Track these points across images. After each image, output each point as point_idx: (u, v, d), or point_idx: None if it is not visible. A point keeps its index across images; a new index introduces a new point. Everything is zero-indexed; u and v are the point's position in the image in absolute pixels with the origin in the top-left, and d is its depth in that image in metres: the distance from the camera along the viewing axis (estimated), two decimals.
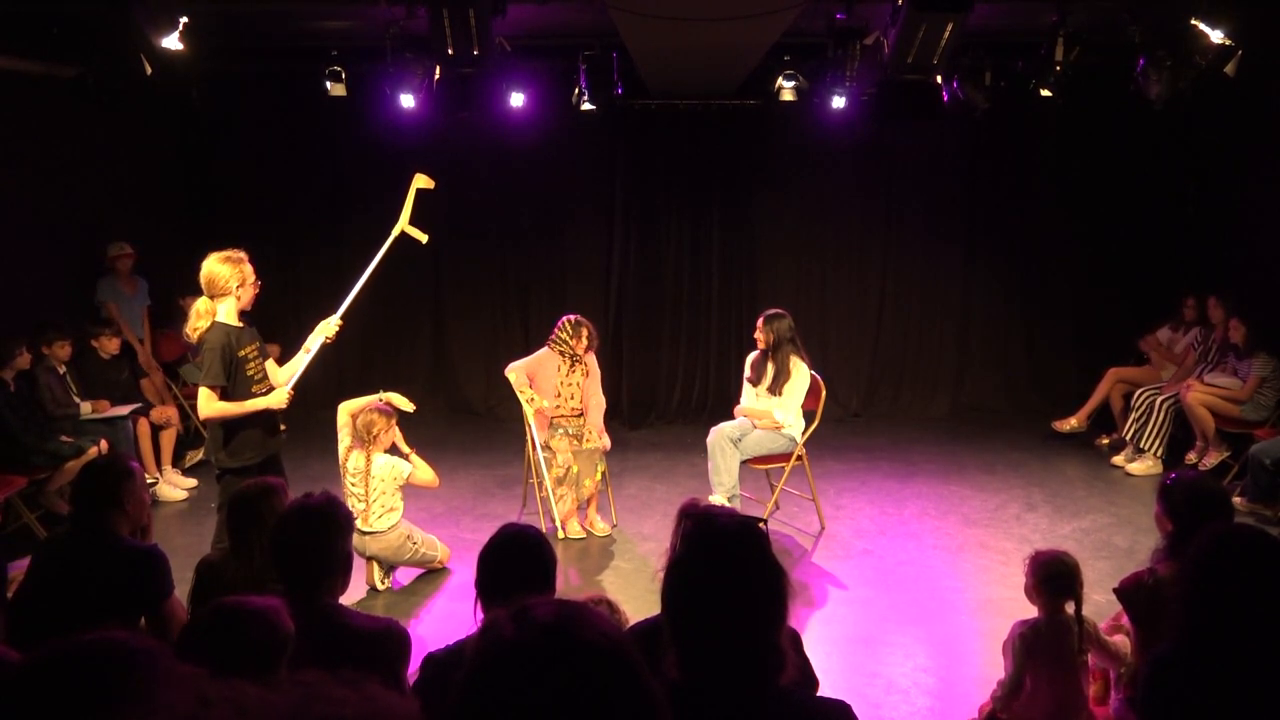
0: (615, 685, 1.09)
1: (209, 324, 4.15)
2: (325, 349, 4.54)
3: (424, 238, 4.84)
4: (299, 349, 4.57)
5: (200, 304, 4.19)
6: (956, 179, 8.13)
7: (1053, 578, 3.04)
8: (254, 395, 4.21)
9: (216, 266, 4.17)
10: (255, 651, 2.02)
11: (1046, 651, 3.00)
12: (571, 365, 5.68)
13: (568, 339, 5.62)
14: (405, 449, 5.00)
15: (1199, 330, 6.99)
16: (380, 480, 4.79)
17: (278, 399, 4.19)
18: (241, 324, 4.25)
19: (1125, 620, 3.15)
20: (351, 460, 4.83)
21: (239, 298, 4.21)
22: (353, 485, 4.82)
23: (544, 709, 1.05)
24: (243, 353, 4.20)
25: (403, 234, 4.78)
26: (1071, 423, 7.41)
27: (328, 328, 4.47)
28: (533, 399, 5.58)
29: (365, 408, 4.88)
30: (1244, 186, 7.19)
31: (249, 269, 4.23)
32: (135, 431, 6.26)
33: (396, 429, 4.99)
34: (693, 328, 8.29)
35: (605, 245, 8.25)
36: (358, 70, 6.41)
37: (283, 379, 4.40)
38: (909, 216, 8.22)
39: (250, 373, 4.24)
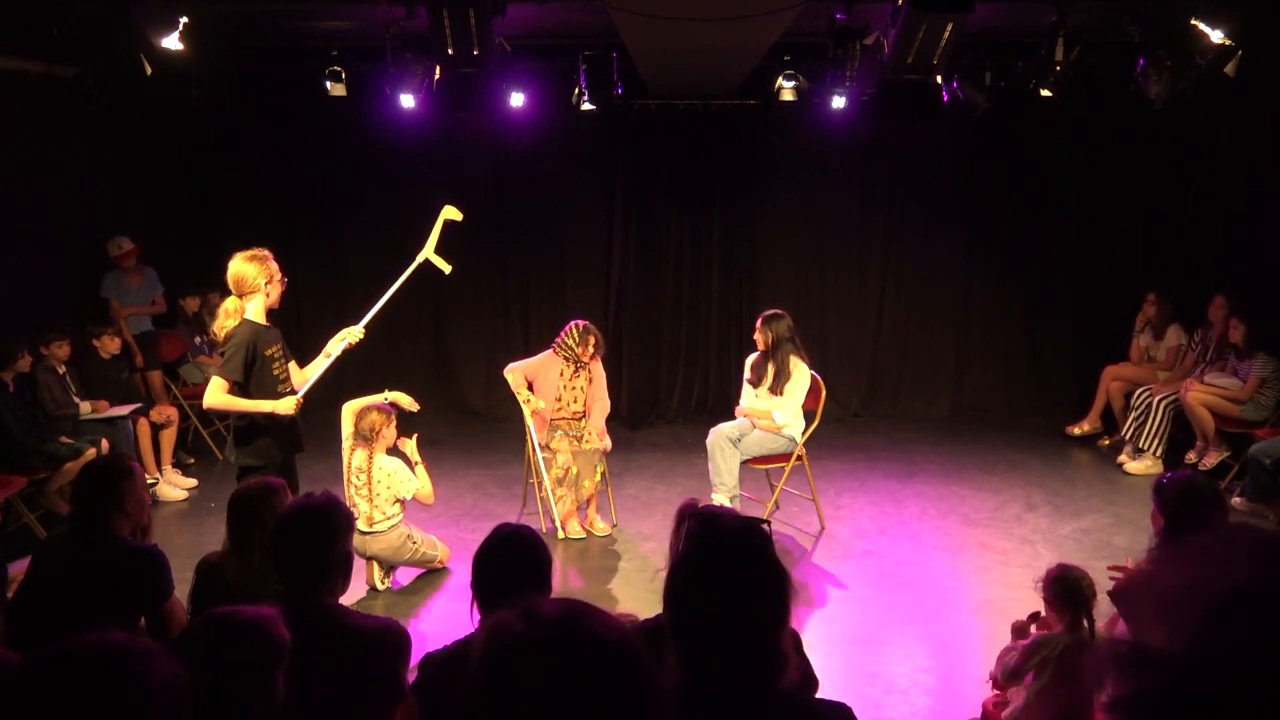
0: (623, 679, 1.10)
1: (237, 321, 4.16)
2: (345, 355, 4.52)
3: (447, 268, 4.84)
4: (299, 349, 4.56)
5: (229, 303, 4.20)
6: (956, 179, 8.12)
7: (1071, 594, 3.01)
8: (278, 396, 4.21)
9: (243, 265, 4.17)
10: (249, 663, 2.02)
11: (1060, 667, 2.98)
12: (575, 370, 5.67)
13: (574, 345, 5.61)
14: (416, 458, 4.99)
15: (1200, 330, 7.00)
16: (381, 485, 4.79)
17: (286, 405, 4.17)
18: (268, 324, 4.26)
19: (1121, 622, 3.14)
20: (355, 459, 4.83)
21: (268, 294, 4.21)
22: (355, 483, 4.81)
23: (554, 703, 1.06)
24: (268, 352, 4.21)
25: (426, 262, 4.78)
26: (1084, 426, 7.45)
27: (351, 334, 4.45)
28: (529, 400, 5.58)
29: (368, 407, 4.89)
30: (1244, 186, 7.18)
31: (275, 266, 4.24)
32: (135, 431, 6.26)
33: (412, 442, 4.99)
34: (693, 328, 8.29)
35: (605, 245, 8.25)
36: (358, 70, 6.41)
37: (302, 381, 4.39)
38: (909, 216, 8.22)
39: (276, 372, 4.24)
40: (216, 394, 4.10)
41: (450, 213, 4.85)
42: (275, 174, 8.10)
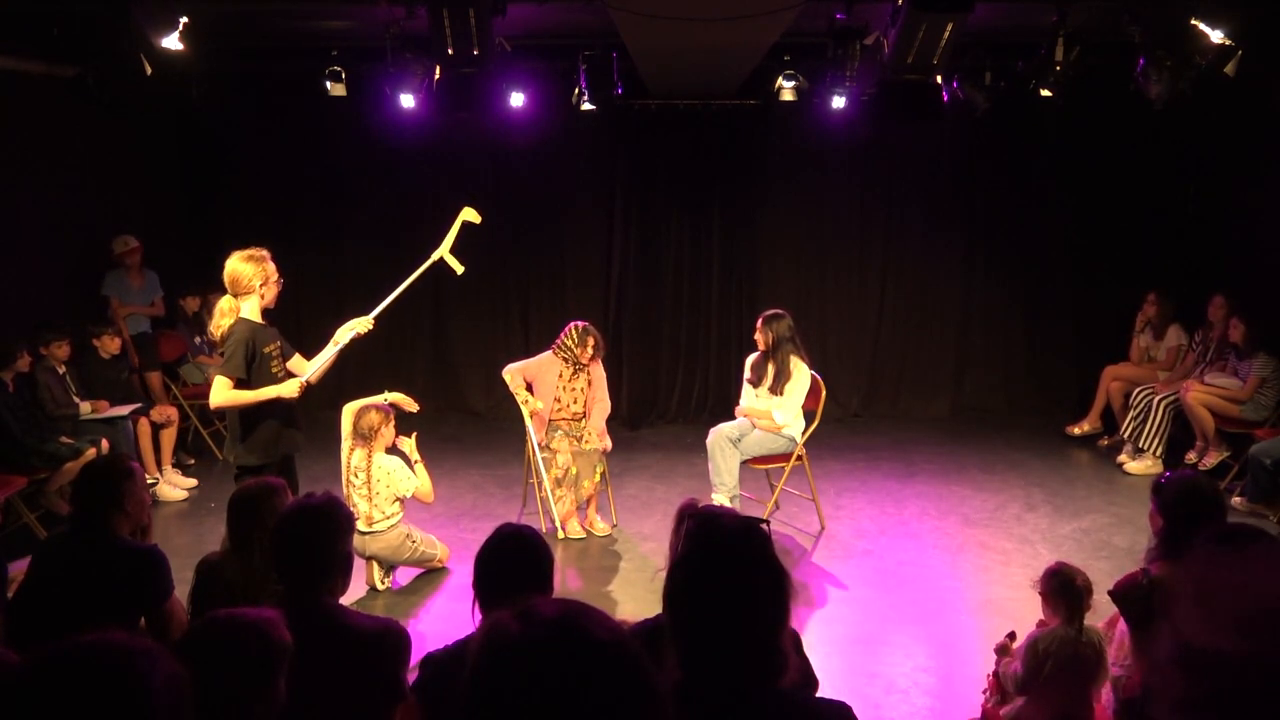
0: (620, 680, 1.10)
1: (234, 320, 4.15)
2: (353, 344, 4.49)
3: (460, 269, 4.83)
4: (299, 350, 4.55)
5: (224, 302, 4.19)
6: (956, 179, 8.12)
7: (1066, 589, 3.02)
8: None
9: (240, 265, 4.16)
10: (251, 666, 2.01)
11: (1058, 662, 2.98)
12: (574, 372, 5.67)
13: (573, 346, 5.61)
14: (415, 456, 4.99)
15: (1200, 330, 7.00)
16: (381, 484, 4.79)
17: (289, 388, 4.17)
18: (265, 323, 4.26)
19: (1121, 621, 3.14)
20: (354, 459, 4.83)
21: (263, 296, 4.20)
22: (355, 482, 4.81)
23: (551, 704, 1.06)
24: (267, 349, 4.20)
25: (441, 261, 4.78)
26: (1084, 426, 7.45)
27: (359, 324, 4.41)
28: (527, 400, 5.58)
29: (367, 406, 4.89)
30: (1244, 186, 7.19)
31: (272, 267, 4.23)
32: (135, 431, 6.26)
33: (411, 440, 4.99)
34: (692, 328, 8.29)
35: (605, 245, 8.25)
36: (358, 70, 6.41)
37: (307, 370, 4.38)
38: (909, 216, 8.22)
39: (274, 369, 4.23)
40: (222, 392, 4.10)
41: (469, 214, 4.85)
42: (275, 174, 8.10)
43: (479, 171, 8.03)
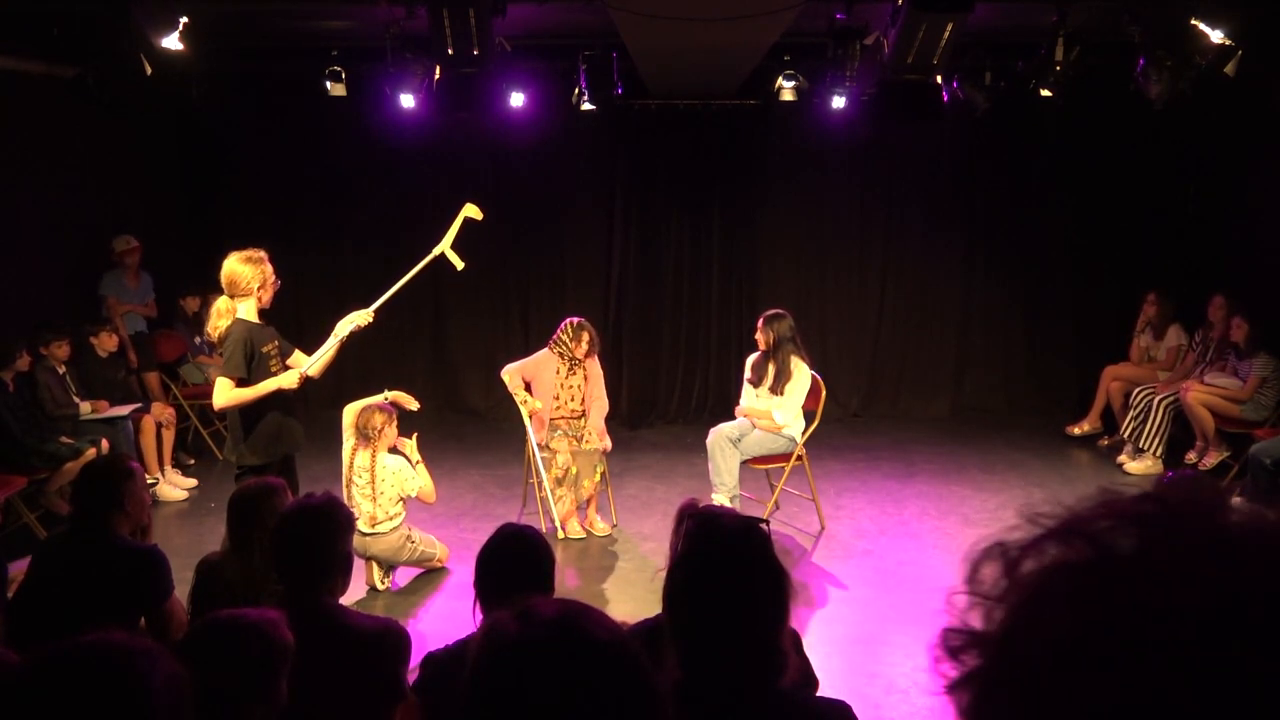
0: (620, 681, 1.10)
1: (230, 321, 4.15)
2: (354, 337, 4.47)
3: (460, 265, 4.81)
4: (299, 348, 4.55)
5: (221, 303, 4.18)
6: (956, 179, 8.12)
7: None
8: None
9: (238, 266, 4.14)
10: (253, 667, 2.01)
11: None
12: (570, 368, 5.67)
13: (568, 341, 5.61)
14: (416, 457, 4.99)
15: (1200, 330, 7.00)
16: (385, 483, 4.79)
17: (289, 379, 4.16)
18: (262, 323, 4.25)
19: None
20: (358, 459, 4.83)
21: (260, 298, 4.19)
22: (358, 482, 4.81)
23: (550, 704, 1.06)
24: (265, 349, 4.20)
25: (441, 256, 4.78)
26: (1084, 426, 7.45)
27: (360, 317, 4.38)
28: (526, 400, 5.58)
29: (369, 406, 4.89)
30: (1244, 186, 7.19)
31: (269, 268, 4.21)
32: (136, 431, 6.26)
33: (412, 441, 4.99)
34: (692, 328, 8.29)
35: (605, 245, 8.25)
36: (358, 70, 6.41)
37: (306, 363, 4.37)
38: (909, 216, 8.22)
39: (273, 368, 4.23)
40: (225, 392, 4.09)
41: (471, 211, 4.85)
42: (275, 174, 8.10)
43: (479, 171, 8.03)
